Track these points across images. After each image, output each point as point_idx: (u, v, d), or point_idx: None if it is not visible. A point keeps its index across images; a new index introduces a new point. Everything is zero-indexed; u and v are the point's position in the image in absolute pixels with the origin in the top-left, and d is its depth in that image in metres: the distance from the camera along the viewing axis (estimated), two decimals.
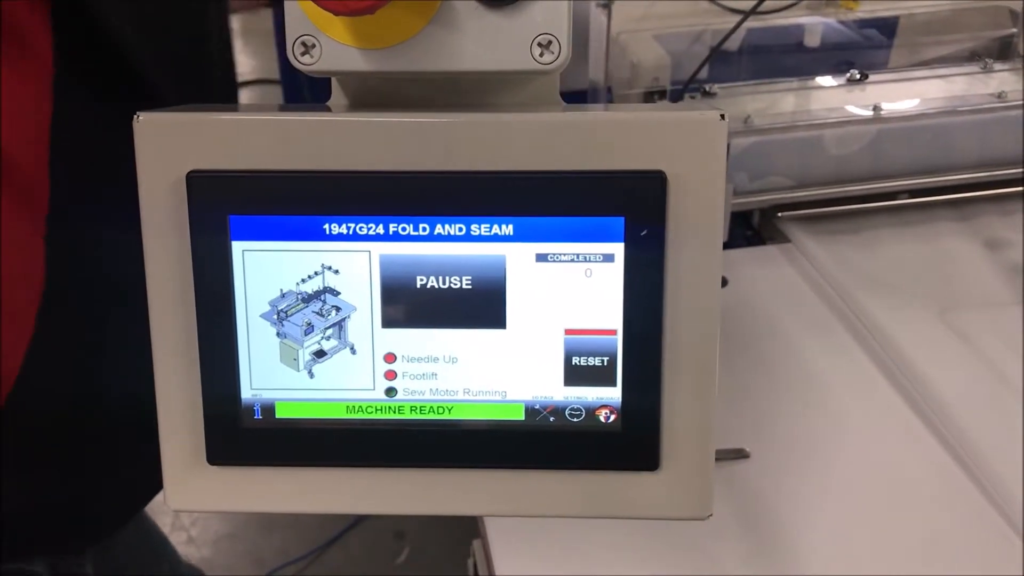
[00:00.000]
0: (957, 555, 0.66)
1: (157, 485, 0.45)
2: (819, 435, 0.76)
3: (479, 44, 0.39)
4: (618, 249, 0.39)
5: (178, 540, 1.64)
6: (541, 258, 0.40)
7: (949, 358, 0.83)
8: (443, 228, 0.40)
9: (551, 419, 0.41)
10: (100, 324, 0.55)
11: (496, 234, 0.40)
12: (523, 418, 0.41)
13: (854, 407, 0.79)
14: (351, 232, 0.40)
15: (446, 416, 0.41)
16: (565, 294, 0.40)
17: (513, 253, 0.40)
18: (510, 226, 0.39)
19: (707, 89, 1.01)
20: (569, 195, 0.39)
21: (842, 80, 1.04)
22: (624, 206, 0.39)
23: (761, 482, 0.72)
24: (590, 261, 0.40)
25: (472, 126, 0.39)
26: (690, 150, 0.39)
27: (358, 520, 1.64)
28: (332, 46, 0.39)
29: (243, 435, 0.42)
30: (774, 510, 0.69)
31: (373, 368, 0.41)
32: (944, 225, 1.01)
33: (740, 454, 0.74)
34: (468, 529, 0.85)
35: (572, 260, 0.40)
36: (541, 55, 0.39)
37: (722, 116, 0.39)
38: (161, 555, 0.90)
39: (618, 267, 0.40)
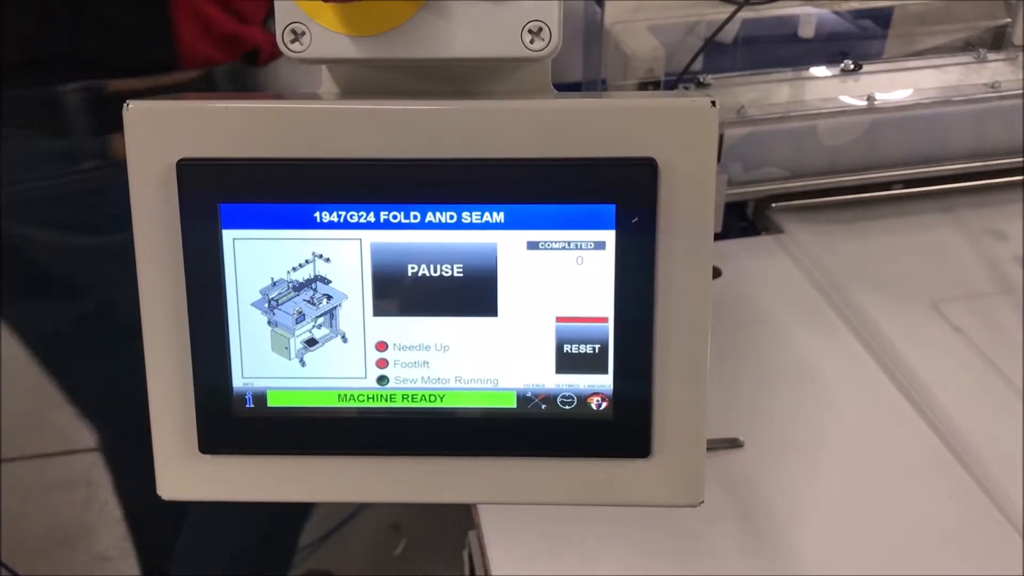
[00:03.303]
0: (948, 540, 0.67)
1: None
2: (813, 425, 0.76)
3: (470, 31, 0.38)
4: (609, 236, 0.39)
5: None
6: (532, 246, 0.40)
7: (942, 349, 0.83)
8: (434, 216, 0.39)
9: (543, 406, 0.41)
10: None
11: (487, 222, 0.39)
12: (515, 406, 0.41)
13: (847, 397, 0.79)
14: (342, 220, 0.40)
15: (438, 404, 0.41)
16: (556, 282, 0.40)
17: (504, 241, 0.40)
18: (501, 214, 0.39)
19: (701, 80, 1.01)
20: (560, 183, 0.39)
21: (836, 70, 1.04)
22: (615, 193, 0.39)
23: (754, 471, 0.72)
24: (581, 249, 0.40)
25: (463, 114, 0.39)
26: (681, 137, 0.39)
27: (354, 512, 1.64)
28: (322, 33, 0.39)
29: (235, 424, 0.42)
30: (768, 499, 0.70)
31: (365, 356, 0.41)
32: (938, 216, 1.01)
33: (734, 443, 0.74)
34: (465, 521, 0.85)
35: (563, 248, 0.40)
36: (532, 42, 0.39)
37: (713, 103, 0.39)
38: None
39: (609, 254, 0.40)
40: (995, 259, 0.93)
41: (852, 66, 1.03)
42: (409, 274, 0.40)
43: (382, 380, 0.41)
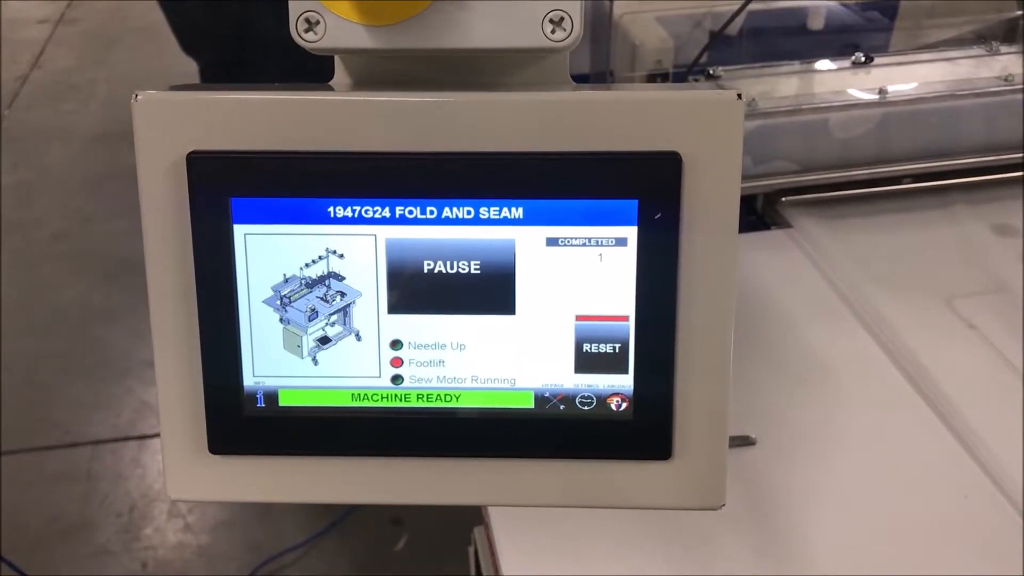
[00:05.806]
0: (962, 538, 0.66)
1: None
2: (824, 421, 0.76)
3: (489, 21, 0.37)
4: (631, 233, 0.38)
5: (175, 527, 1.64)
6: (552, 242, 0.39)
7: (954, 344, 0.82)
8: (451, 211, 0.38)
9: (561, 407, 0.40)
10: None
11: (505, 217, 0.38)
12: (532, 406, 0.40)
13: (859, 392, 0.78)
14: (356, 215, 0.38)
15: (453, 404, 0.40)
16: (576, 279, 0.39)
17: (523, 237, 0.39)
18: (520, 209, 0.38)
19: (711, 72, 0.99)
20: (581, 177, 0.38)
21: (846, 63, 1.03)
22: (638, 188, 0.38)
23: (766, 468, 0.71)
24: (602, 245, 0.39)
25: (481, 105, 0.38)
26: (706, 131, 0.38)
27: (355, 506, 1.63)
28: (337, 23, 0.38)
29: (246, 424, 0.41)
30: (780, 496, 0.69)
31: (379, 355, 0.40)
32: (950, 210, 1.00)
33: (746, 441, 0.73)
34: (467, 516, 0.85)
35: (583, 244, 0.39)
36: (553, 32, 0.37)
37: (739, 96, 0.38)
38: None
39: (631, 251, 0.39)
40: (1008, 255, 0.92)
41: (863, 58, 1.02)
42: (425, 271, 0.39)
43: (397, 379, 0.40)
